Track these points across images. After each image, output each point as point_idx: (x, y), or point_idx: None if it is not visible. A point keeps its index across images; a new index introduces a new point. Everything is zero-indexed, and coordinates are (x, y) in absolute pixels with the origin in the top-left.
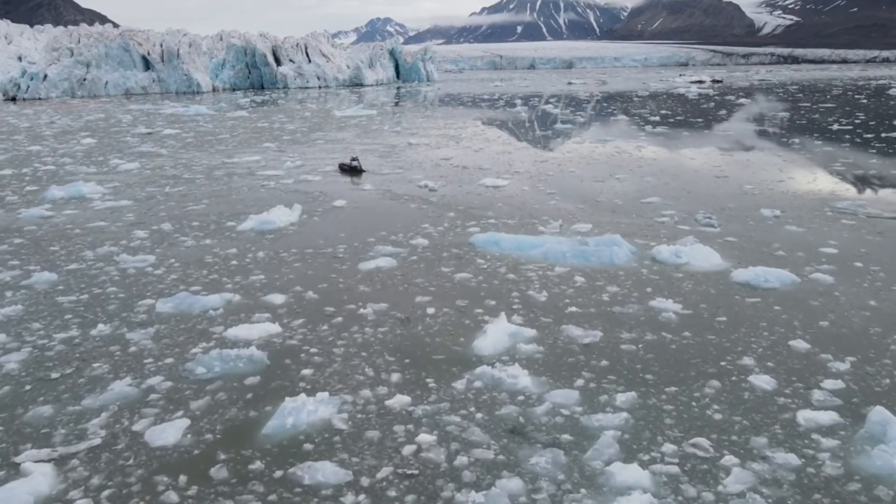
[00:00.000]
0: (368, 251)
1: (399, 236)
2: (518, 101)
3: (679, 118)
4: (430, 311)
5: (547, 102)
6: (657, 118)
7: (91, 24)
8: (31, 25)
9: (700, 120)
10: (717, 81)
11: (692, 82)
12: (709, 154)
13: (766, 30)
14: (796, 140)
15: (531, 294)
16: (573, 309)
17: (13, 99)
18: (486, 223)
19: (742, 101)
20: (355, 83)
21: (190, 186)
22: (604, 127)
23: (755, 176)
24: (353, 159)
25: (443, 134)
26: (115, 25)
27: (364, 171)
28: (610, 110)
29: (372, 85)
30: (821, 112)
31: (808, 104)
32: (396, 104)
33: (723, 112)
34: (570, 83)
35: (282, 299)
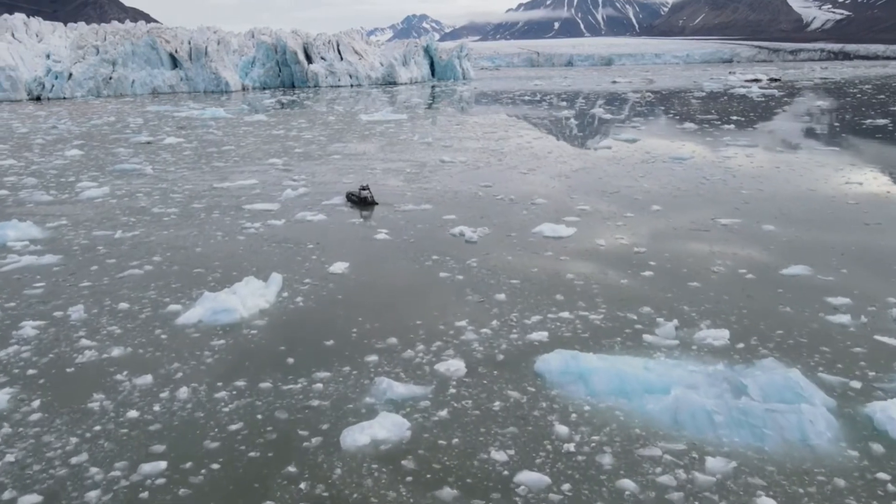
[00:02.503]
0: (364, 392)
1: (418, 351)
2: (563, 104)
3: (756, 125)
4: None
5: (595, 105)
6: (731, 126)
7: (124, 22)
8: (66, 24)
9: (784, 128)
10: (775, 80)
11: (748, 81)
12: (828, 180)
13: (814, 25)
14: None
15: None
16: None
17: (38, 98)
18: (556, 319)
19: (818, 103)
20: (388, 82)
21: (151, 229)
22: (672, 137)
23: None
24: (363, 188)
25: (482, 147)
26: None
27: (376, 204)
28: (671, 115)
29: (406, 83)
30: None
31: None
32: (430, 106)
33: (805, 118)
34: (614, 82)
35: None
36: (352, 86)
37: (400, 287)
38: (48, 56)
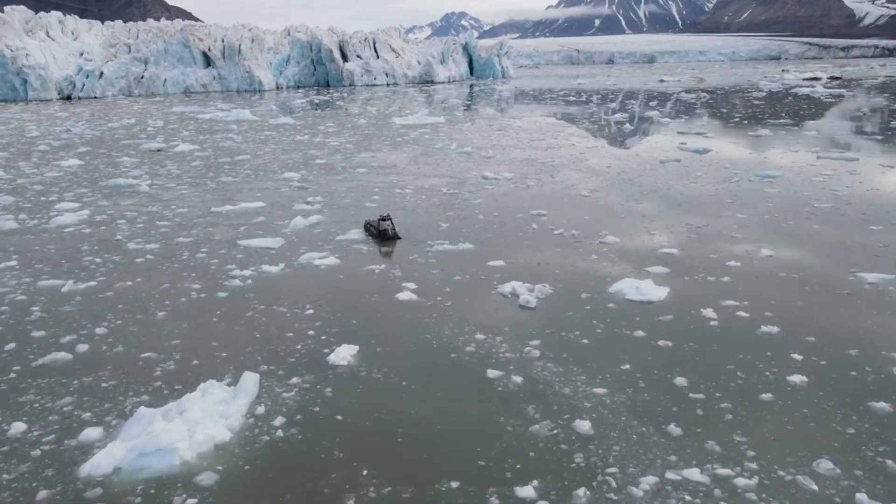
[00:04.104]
0: None
1: None
2: (612, 105)
3: (841, 131)
4: None
5: (648, 106)
6: (811, 131)
7: (160, 20)
8: (103, 23)
9: (877, 135)
10: (836, 78)
11: (807, 80)
12: None
13: (867, 20)
14: None
15: None
16: None
17: (68, 98)
18: (682, 485)
19: None
20: (426, 80)
21: (113, 277)
22: (748, 146)
23: None
24: (384, 218)
25: (529, 159)
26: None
27: (399, 238)
28: (736, 118)
29: (443, 82)
30: None
31: None
32: (468, 108)
33: (895, 122)
34: (661, 80)
35: None
36: (388, 85)
37: (429, 398)
38: (81, 54)
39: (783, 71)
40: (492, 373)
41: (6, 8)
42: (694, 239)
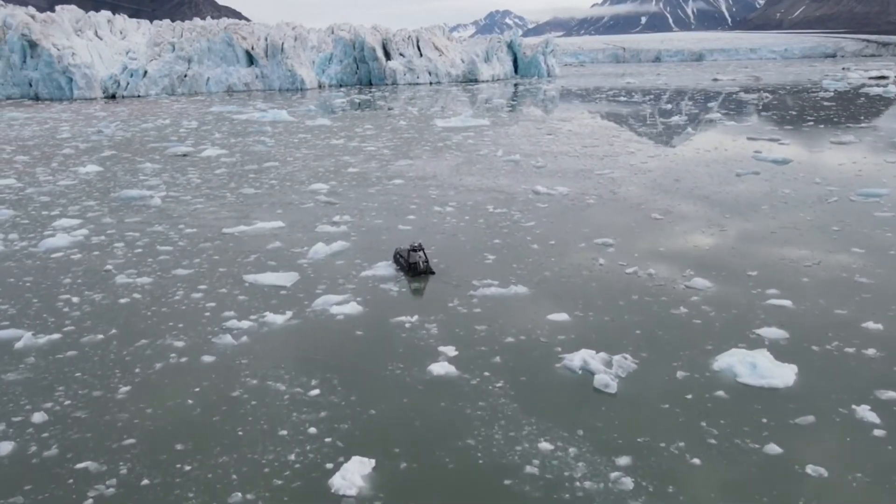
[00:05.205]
0: None
1: None
2: (667, 106)
3: None
4: None
5: (706, 108)
6: None
7: (205, 19)
8: (152, 21)
9: None
10: None
11: (873, 78)
12: None
13: None
14: None
15: None
16: None
17: (112, 96)
18: None
19: None
20: (469, 79)
21: (85, 325)
22: (833, 154)
23: None
24: (414, 249)
25: (585, 170)
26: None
27: (433, 273)
28: (809, 122)
29: (487, 81)
30: None
31: None
32: (514, 108)
33: None
34: (715, 79)
35: None
36: (431, 83)
37: None
38: (127, 53)
39: (844, 69)
40: None
41: (56, 7)
42: (808, 285)
